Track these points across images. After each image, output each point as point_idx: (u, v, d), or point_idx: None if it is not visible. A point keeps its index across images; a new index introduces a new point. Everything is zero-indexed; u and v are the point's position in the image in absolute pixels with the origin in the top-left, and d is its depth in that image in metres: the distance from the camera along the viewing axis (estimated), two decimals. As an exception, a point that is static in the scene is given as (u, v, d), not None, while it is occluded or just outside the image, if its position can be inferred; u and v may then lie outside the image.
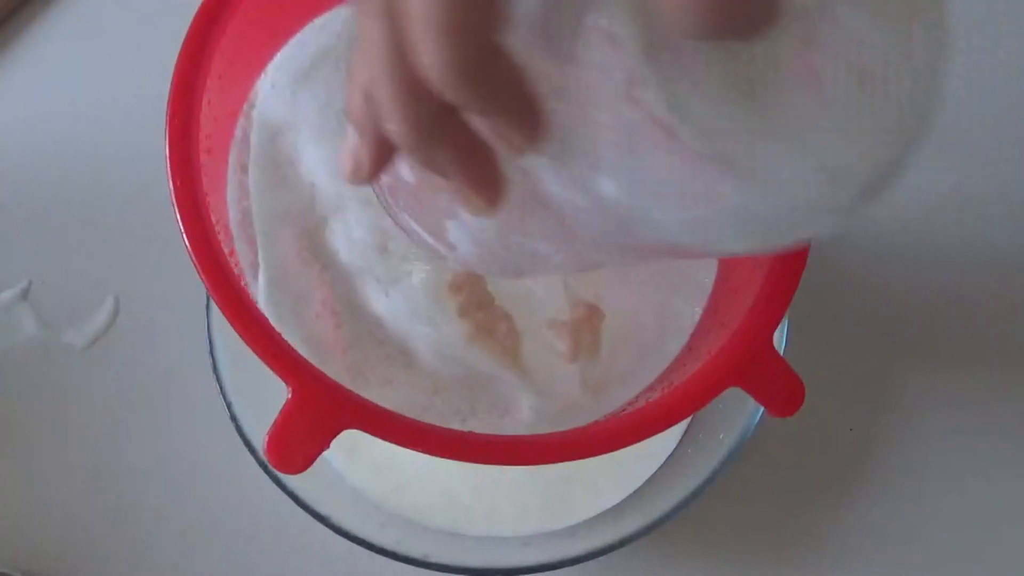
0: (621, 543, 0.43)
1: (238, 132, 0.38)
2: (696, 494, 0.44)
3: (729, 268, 0.38)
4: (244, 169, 0.38)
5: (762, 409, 0.44)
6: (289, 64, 0.38)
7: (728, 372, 0.34)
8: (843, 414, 0.52)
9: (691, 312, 0.38)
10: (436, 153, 0.25)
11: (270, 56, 0.38)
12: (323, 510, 0.43)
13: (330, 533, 0.43)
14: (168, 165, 0.32)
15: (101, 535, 0.51)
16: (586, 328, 0.39)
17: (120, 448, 0.52)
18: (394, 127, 0.24)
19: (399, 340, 0.37)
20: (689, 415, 0.34)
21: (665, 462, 0.48)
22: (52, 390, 0.53)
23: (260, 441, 0.44)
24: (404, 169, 0.29)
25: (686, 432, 0.49)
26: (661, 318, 0.39)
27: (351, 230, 0.38)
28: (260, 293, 0.36)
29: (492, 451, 0.33)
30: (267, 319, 0.34)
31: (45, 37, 0.58)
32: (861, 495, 0.51)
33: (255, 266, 0.37)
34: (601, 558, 0.43)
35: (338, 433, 0.32)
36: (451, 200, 0.28)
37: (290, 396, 0.32)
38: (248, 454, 0.43)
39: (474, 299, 0.38)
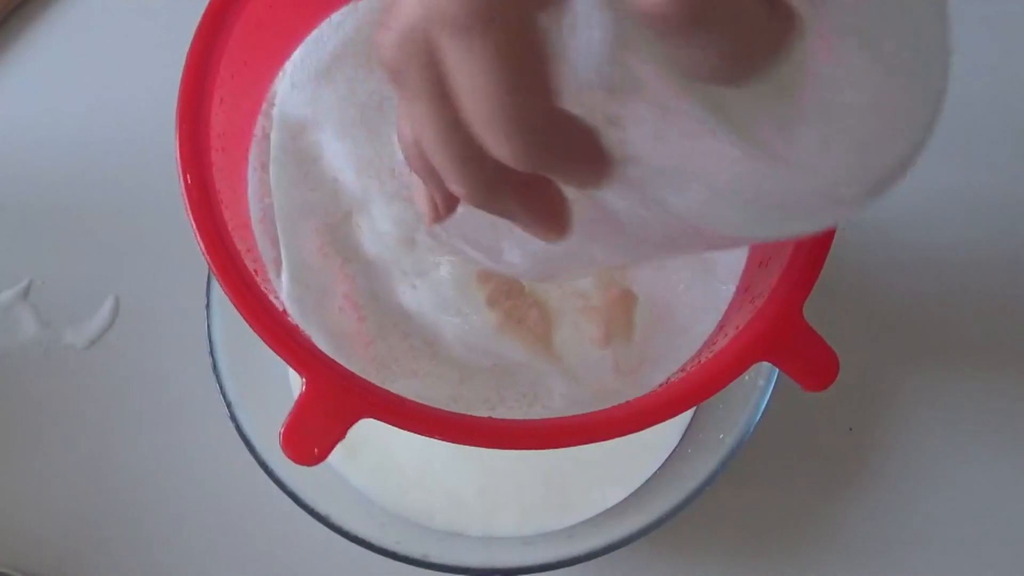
0: (621, 543, 0.43)
1: (258, 131, 0.38)
2: (696, 494, 0.44)
3: (760, 243, 0.38)
4: (265, 167, 0.38)
5: (763, 409, 0.44)
6: (308, 62, 0.38)
7: (755, 346, 0.33)
8: (843, 414, 0.52)
9: (725, 290, 0.38)
10: (501, 202, 0.25)
11: (285, 55, 0.38)
12: (323, 510, 0.43)
13: (330, 533, 0.43)
14: (179, 161, 0.32)
15: (101, 535, 0.51)
16: (619, 312, 0.38)
17: (120, 448, 0.52)
18: (457, 188, 0.24)
19: (425, 331, 0.37)
20: (716, 392, 0.32)
21: (665, 462, 0.48)
22: (52, 390, 0.53)
23: (260, 441, 0.44)
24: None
25: (686, 432, 0.49)
26: (695, 298, 0.38)
27: (376, 224, 0.38)
28: (283, 289, 0.36)
29: (506, 435, 0.33)
30: (278, 310, 0.34)
31: (46, 36, 0.58)
32: (861, 495, 0.51)
33: (278, 263, 0.37)
34: (601, 558, 0.43)
35: (354, 423, 0.32)
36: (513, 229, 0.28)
37: (304, 387, 0.32)
38: (248, 454, 0.43)
39: (503, 288, 0.38)
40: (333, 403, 0.31)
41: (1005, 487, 0.51)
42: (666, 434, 0.49)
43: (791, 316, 0.33)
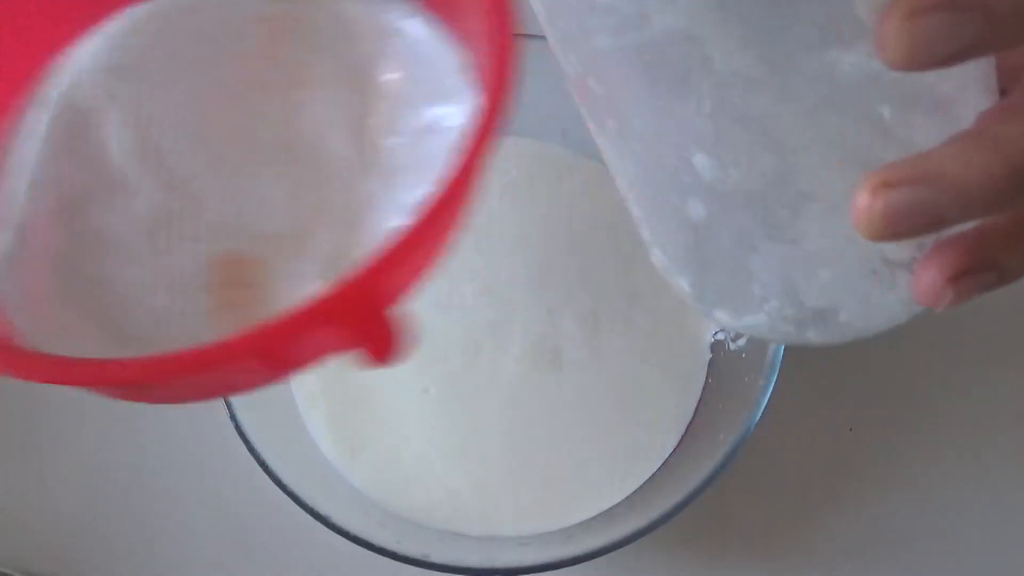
0: (621, 543, 0.43)
1: (25, 98, 0.38)
2: (696, 494, 0.44)
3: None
4: (23, 129, 0.37)
5: (763, 409, 0.44)
6: (113, 55, 0.38)
7: (320, 308, 0.31)
8: (843, 414, 0.52)
9: None
10: None
11: (76, 27, 0.38)
12: (323, 510, 0.43)
13: (330, 533, 0.43)
14: None
15: (101, 535, 0.51)
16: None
17: (120, 448, 0.52)
18: None
19: (119, 303, 0.37)
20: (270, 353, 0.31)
21: (665, 462, 0.48)
22: (52, 390, 0.53)
23: (260, 441, 0.44)
24: None
25: (686, 432, 0.49)
26: None
27: (131, 207, 0.37)
28: None
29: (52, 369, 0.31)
30: None
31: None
32: (861, 495, 0.51)
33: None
34: (601, 558, 0.43)
35: None
36: None
37: None
38: (248, 454, 0.43)
39: (231, 278, 0.37)
40: None
41: (1006, 487, 0.51)
42: (666, 434, 0.49)
43: (362, 287, 0.31)
